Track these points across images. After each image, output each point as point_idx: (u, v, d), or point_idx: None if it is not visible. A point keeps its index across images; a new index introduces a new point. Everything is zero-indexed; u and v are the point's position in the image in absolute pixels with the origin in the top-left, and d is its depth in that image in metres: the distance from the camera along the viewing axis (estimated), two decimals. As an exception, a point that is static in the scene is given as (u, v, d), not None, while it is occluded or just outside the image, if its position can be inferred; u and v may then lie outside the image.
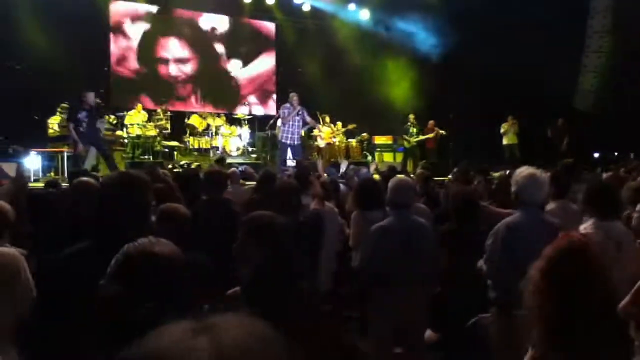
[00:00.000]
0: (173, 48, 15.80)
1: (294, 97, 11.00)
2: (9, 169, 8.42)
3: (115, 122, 12.55)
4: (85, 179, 4.30)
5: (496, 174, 7.68)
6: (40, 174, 10.23)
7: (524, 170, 3.63)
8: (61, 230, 3.46)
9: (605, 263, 1.72)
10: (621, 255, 3.27)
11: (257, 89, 17.08)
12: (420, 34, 14.86)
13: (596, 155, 14.06)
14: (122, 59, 15.12)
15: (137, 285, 1.60)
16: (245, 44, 16.84)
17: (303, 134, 12.14)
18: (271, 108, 16.70)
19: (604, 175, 8.45)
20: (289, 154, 10.97)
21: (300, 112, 10.93)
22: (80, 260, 2.14)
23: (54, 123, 11.31)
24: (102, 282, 1.64)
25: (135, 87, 15.15)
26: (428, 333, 4.17)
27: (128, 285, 1.61)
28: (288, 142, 10.95)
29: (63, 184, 6.51)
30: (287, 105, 11.04)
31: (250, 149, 14.43)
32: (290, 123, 10.92)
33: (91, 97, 9.74)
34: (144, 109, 13.28)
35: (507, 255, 3.38)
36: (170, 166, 10.88)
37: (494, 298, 3.52)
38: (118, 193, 2.29)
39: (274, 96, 17.03)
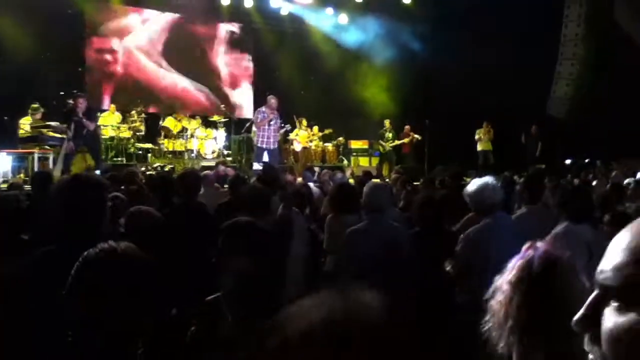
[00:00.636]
0: (150, 51, 15.64)
1: (272, 99, 10.92)
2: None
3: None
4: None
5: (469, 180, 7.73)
6: (10, 175, 10.01)
7: (470, 185, 3.66)
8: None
9: (576, 270, 1.72)
10: (592, 260, 3.30)
11: (234, 92, 16.99)
12: (397, 40, 14.92)
13: (568, 161, 14.28)
14: (96, 61, 14.93)
15: (98, 291, 1.56)
16: (223, 48, 16.76)
17: (279, 138, 12.09)
18: (247, 111, 16.62)
19: (575, 181, 8.60)
20: (265, 157, 10.88)
21: (275, 117, 10.87)
22: (39, 266, 2.08)
23: (25, 124, 11.08)
24: (64, 290, 1.60)
25: (110, 89, 14.97)
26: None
27: (90, 291, 1.57)
28: (264, 146, 10.86)
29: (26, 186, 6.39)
30: (263, 109, 10.96)
31: (225, 152, 14.32)
32: (267, 127, 10.83)
33: (84, 100, 10.02)
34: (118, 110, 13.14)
35: (477, 261, 3.37)
36: (143, 169, 10.73)
37: (462, 302, 3.52)
38: (69, 196, 2.24)
39: (251, 100, 16.96)
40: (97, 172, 9.19)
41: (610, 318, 0.81)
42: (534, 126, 13.73)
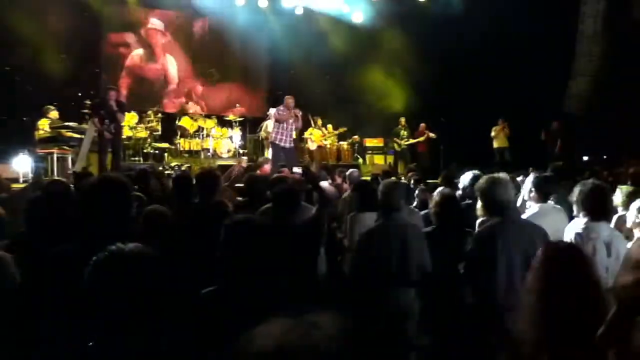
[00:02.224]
0: (164, 50, 15.75)
1: (288, 99, 10.94)
2: None
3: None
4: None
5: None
6: (30, 175, 10.15)
7: (481, 181, 3.60)
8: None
9: (593, 267, 1.74)
10: (611, 258, 3.29)
11: (249, 91, 17.02)
12: (412, 37, 14.82)
13: (585, 158, 14.13)
14: (114, 62, 15.07)
15: (113, 290, 1.60)
16: (238, 46, 16.77)
17: (294, 137, 12.10)
18: (263, 110, 16.64)
19: (593, 178, 8.48)
20: (282, 156, 10.89)
21: (292, 117, 10.87)
22: (62, 262, 2.13)
23: (44, 124, 11.23)
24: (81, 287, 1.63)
25: (126, 89, 15.10)
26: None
27: (105, 290, 1.60)
28: (281, 144, 10.89)
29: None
30: (282, 107, 10.97)
31: (241, 150, 14.40)
32: (285, 126, 10.86)
33: (115, 93, 10.33)
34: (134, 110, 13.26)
35: (487, 261, 3.35)
36: (160, 168, 10.83)
37: (472, 303, 3.52)
38: (97, 196, 2.29)
39: (266, 98, 16.98)
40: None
41: None
42: (555, 122, 13.53)
